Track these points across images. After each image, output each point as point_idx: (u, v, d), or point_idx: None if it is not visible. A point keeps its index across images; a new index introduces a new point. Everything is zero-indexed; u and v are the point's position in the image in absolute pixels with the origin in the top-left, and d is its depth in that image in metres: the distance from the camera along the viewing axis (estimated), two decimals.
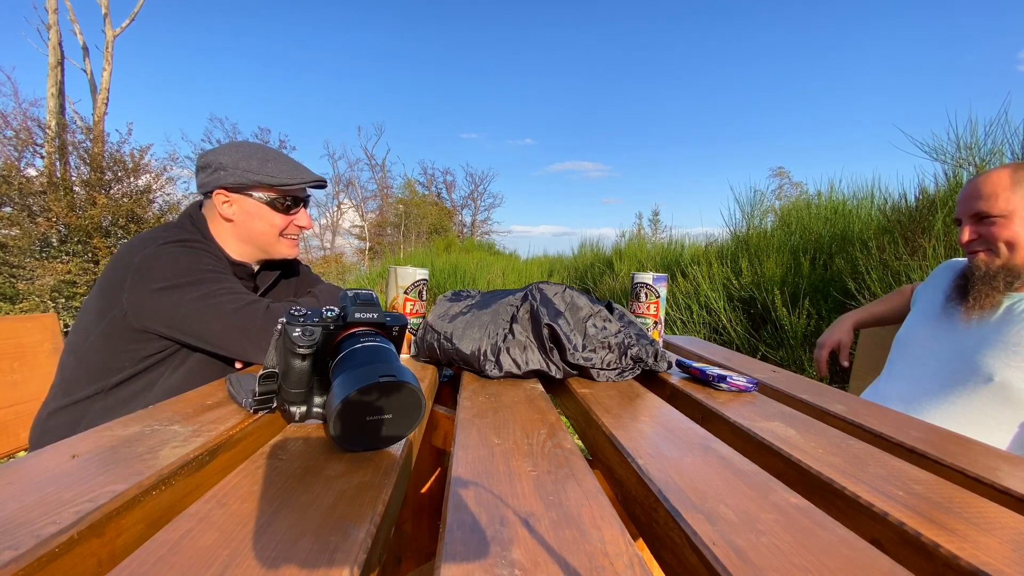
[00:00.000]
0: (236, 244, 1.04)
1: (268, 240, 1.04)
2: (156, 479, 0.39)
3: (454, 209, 25.18)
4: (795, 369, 2.90)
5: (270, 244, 1.05)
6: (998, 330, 0.95)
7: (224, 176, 0.99)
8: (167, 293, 0.86)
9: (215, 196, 1.00)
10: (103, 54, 9.58)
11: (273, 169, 1.01)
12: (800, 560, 0.32)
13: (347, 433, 0.46)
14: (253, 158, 1.00)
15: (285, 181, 1.01)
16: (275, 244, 1.05)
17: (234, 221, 1.02)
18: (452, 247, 12.10)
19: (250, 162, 1.00)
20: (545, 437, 0.53)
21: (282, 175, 1.01)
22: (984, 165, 2.74)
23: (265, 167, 1.00)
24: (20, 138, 6.83)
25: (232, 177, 0.99)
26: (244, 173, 0.99)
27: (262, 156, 1.01)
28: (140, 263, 0.87)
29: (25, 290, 5.57)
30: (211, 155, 1.01)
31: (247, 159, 1.00)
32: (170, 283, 0.86)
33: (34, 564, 0.29)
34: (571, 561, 0.31)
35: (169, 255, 0.88)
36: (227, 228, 1.03)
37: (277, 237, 1.05)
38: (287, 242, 1.07)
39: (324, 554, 0.30)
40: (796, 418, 0.65)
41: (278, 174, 1.01)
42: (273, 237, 1.04)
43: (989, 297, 0.98)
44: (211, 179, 1.00)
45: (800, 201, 4.22)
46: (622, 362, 0.82)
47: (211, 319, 0.86)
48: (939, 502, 0.42)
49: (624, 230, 6.79)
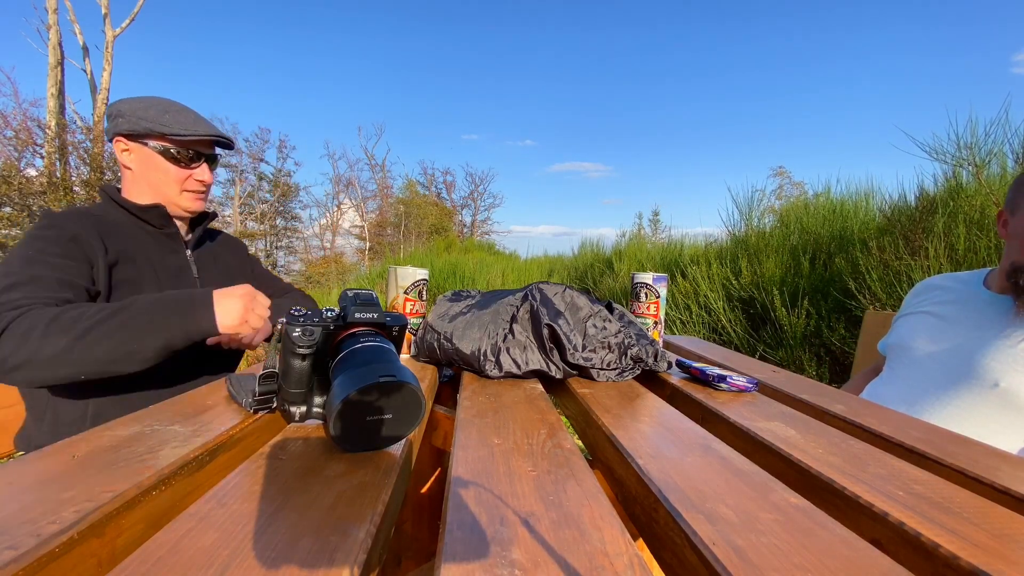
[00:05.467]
0: (140, 193, 1.04)
1: (167, 191, 1.04)
2: (156, 479, 0.39)
3: (454, 209, 25.18)
4: (795, 369, 2.90)
5: (170, 196, 1.05)
6: (1005, 335, 0.93)
7: (122, 123, 1.00)
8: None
9: (115, 144, 1.02)
10: (103, 54, 9.59)
11: (170, 120, 1.01)
12: (800, 560, 0.32)
13: (347, 433, 0.46)
14: (152, 108, 1.01)
15: (178, 132, 1.00)
16: (176, 196, 1.05)
17: (132, 169, 1.03)
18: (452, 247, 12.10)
19: (147, 111, 1.00)
20: (545, 437, 0.53)
21: (176, 126, 1.01)
22: (984, 165, 2.74)
23: (162, 117, 1.00)
24: (20, 138, 6.83)
25: (127, 124, 0.99)
26: (139, 121, 0.99)
27: (163, 107, 1.02)
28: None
29: None
30: (116, 104, 1.02)
31: (145, 108, 1.00)
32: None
33: (34, 564, 0.29)
34: (571, 561, 0.31)
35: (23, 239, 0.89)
36: (130, 176, 1.04)
37: (177, 190, 1.05)
38: (189, 195, 1.07)
39: (324, 554, 0.30)
40: (796, 418, 0.65)
41: (173, 124, 1.01)
42: (171, 188, 1.04)
43: None
44: (112, 125, 1.01)
45: (799, 201, 4.22)
46: (622, 362, 0.82)
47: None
48: (939, 502, 0.42)
49: (624, 230, 6.80)
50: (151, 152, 1.01)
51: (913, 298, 1.19)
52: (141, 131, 0.99)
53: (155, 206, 1.03)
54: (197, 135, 1.02)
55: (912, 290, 1.21)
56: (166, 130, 1.00)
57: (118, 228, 0.98)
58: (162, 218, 1.05)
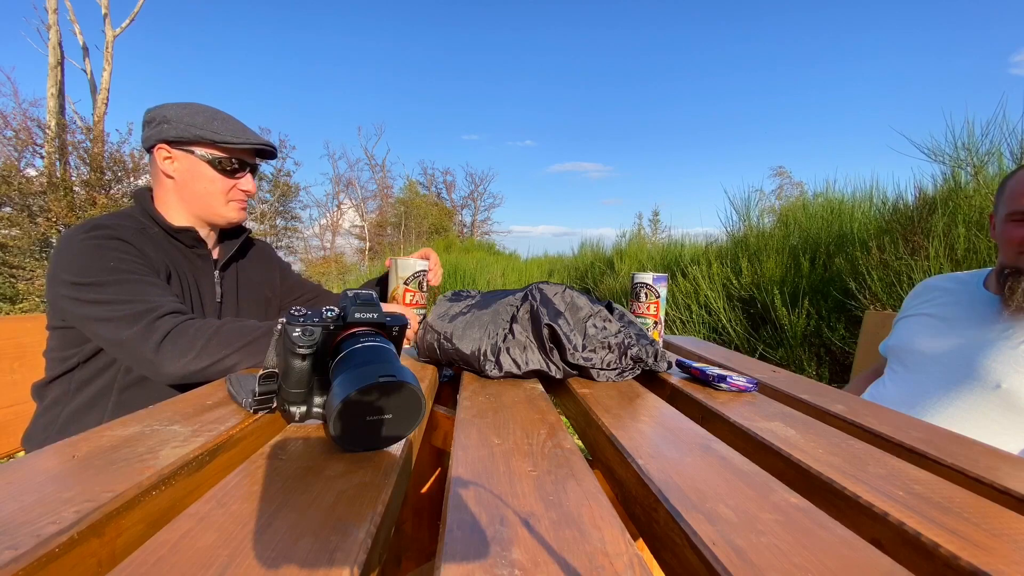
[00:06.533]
0: (178, 205, 0.99)
1: (211, 202, 1.00)
2: (156, 479, 0.39)
3: (454, 209, 25.17)
4: (795, 369, 2.90)
5: (214, 207, 1.01)
6: (1007, 336, 0.93)
7: (167, 129, 0.95)
8: (69, 289, 0.82)
9: (156, 151, 0.97)
10: (103, 54, 9.59)
11: (219, 127, 0.97)
12: (800, 560, 0.32)
13: (347, 433, 0.45)
14: (199, 115, 0.97)
15: (229, 140, 0.97)
16: (221, 207, 1.01)
17: (175, 179, 0.98)
18: (452, 247, 12.10)
19: (195, 117, 0.96)
20: (545, 437, 0.53)
21: (227, 133, 0.97)
22: (982, 165, 2.74)
23: (211, 124, 0.97)
24: (20, 138, 6.83)
25: (175, 131, 0.95)
26: (188, 127, 0.95)
27: (210, 114, 0.98)
28: (55, 254, 0.86)
29: (25, 290, 5.58)
30: (157, 109, 0.98)
31: (192, 115, 0.97)
32: (72, 279, 0.83)
33: (34, 564, 0.29)
34: (571, 561, 0.31)
35: (76, 248, 0.84)
36: (169, 187, 0.98)
37: (222, 200, 1.01)
38: (234, 205, 1.03)
39: (324, 554, 0.30)
40: (796, 418, 0.65)
41: (224, 132, 0.97)
42: (216, 199, 1.00)
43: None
44: (154, 132, 0.96)
45: (799, 201, 4.23)
46: (622, 362, 0.82)
47: (100, 326, 0.81)
48: (939, 502, 0.42)
49: (624, 230, 6.80)
50: (197, 160, 0.97)
51: (913, 299, 1.19)
52: (191, 138, 0.95)
53: (187, 229, 0.99)
54: (249, 143, 1.00)
55: (912, 291, 1.21)
56: (217, 138, 0.96)
57: (156, 242, 0.96)
58: (194, 240, 1.01)
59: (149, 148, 0.98)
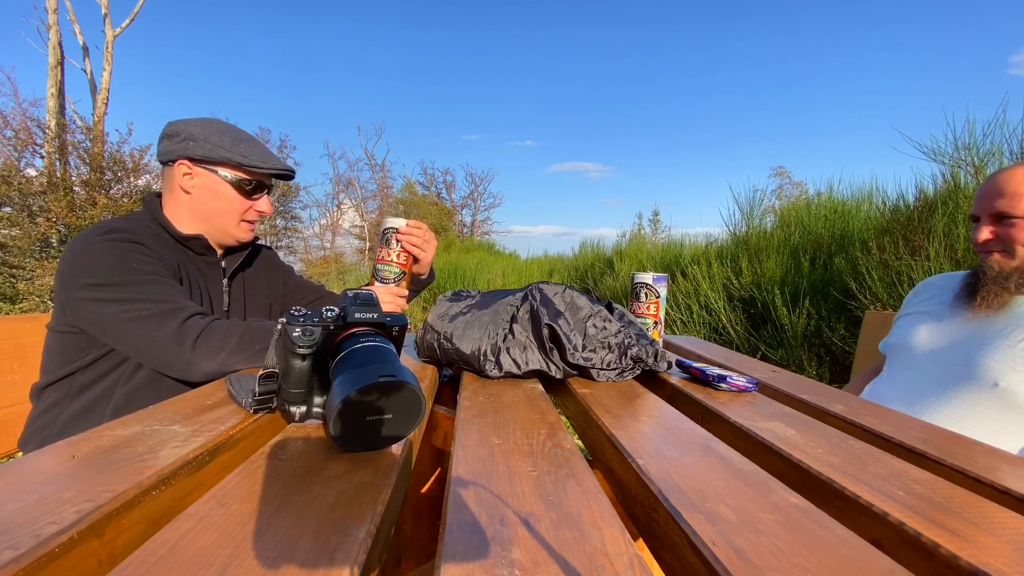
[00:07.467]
0: (190, 219, 1.00)
1: (226, 221, 1.01)
2: (156, 479, 0.39)
3: (454, 209, 25.15)
4: (795, 369, 2.90)
5: (228, 226, 1.02)
6: (1004, 334, 0.93)
7: (192, 147, 0.95)
8: (89, 291, 0.82)
9: (177, 166, 0.97)
10: (103, 54, 9.58)
11: (245, 150, 0.99)
12: (800, 560, 0.32)
13: (347, 433, 0.46)
14: (226, 136, 0.98)
15: (256, 164, 0.99)
16: (233, 227, 1.02)
17: (192, 195, 0.98)
18: (452, 247, 12.10)
19: (222, 138, 0.97)
20: (545, 437, 0.53)
21: (254, 157, 0.99)
22: (983, 165, 2.74)
23: (237, 146, 0.98)
24: (20, 138, 6.83)
25: (201, 149, 0.95)
26: (215, 148, 0.96)
27: (235, 136, 1.00)
28: (70, 257, 0.85)
29: (25, 290, 5.58)
30: (181, 124, 0.98)
31: (219, 135, 0.97)
32: (93, 281, 0.82)
33: (34, 564, 0.29)
34: (571, 561, 0.31)
35: (96, 250, 0.84)
36: (183, 201, 0.99)
37: (236, 220, 1.02)
38: (246, 226, 1.04)
39: (324, 554, 0.30)
40: (796, 418, 0.65)
41: (250, 155, 0.99)
42: (231, 219, 1.01)
43: (998, 297, 0.96)
44: (177, 147, 0.96)
45: (800, 201, 4.23)
46: (622, 362, 0.82)
47: (127, 326, 0.81)
48: (939, 502, 0.42)
49: (624, 230, 6.81)
50: (219, 180, 0.98)
51: (913, 298, 1.19)
52: (217, 159, 0.96)
53: (196, 237, 0.99)
54: (274, 169, 1.01)
55: (912, 290, 1.22)
56: (245, 161, 0.98)
57: (166, 246, 0.96)
58: (204, 248, 1.02)
59: (168, 161, 0.98)
